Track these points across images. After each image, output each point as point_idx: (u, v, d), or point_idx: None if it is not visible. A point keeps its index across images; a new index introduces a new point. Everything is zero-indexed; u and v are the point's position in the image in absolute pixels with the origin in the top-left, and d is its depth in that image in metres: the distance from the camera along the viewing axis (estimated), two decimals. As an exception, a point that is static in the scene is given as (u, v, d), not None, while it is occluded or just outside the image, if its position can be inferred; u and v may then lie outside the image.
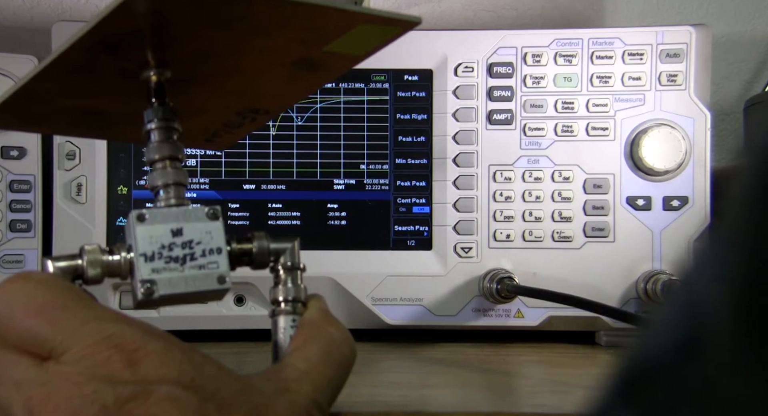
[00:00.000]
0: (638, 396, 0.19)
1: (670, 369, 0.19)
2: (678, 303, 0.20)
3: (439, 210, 0.63)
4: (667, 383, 0.19)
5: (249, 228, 0.63)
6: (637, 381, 0.20)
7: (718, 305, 0.18)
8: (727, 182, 0.20)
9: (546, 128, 0.63)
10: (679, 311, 0.20)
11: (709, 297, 0.18)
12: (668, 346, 0.19)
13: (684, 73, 0.62)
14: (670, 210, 0.62)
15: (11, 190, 0.64)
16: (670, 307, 0.20)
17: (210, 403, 0.30)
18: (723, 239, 0.19)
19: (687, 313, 0.19)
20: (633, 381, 0.20)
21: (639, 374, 0.20)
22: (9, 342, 0.31)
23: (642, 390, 0.19)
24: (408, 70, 0.64)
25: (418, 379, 0.52)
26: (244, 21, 0.32)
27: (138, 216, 0.35)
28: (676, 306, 0.20)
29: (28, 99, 0.36)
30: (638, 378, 0.20)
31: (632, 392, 0.20)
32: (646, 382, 0.19)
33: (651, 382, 0.19)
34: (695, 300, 0.19)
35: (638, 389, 0.20)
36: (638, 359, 0.20)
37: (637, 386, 0.20)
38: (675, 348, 0.19)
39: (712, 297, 0.18)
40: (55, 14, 0.83)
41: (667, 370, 0.19)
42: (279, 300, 0.38)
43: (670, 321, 0.20)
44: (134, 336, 0.30)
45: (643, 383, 0.20)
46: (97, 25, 0.31)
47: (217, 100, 0.41)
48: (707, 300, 0.18)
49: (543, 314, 0.62)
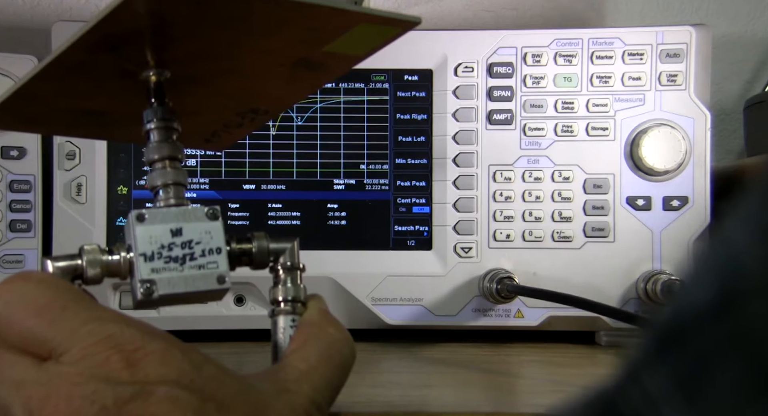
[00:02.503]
0: (673, 350, 0.20)
1: (706, 323, 0.19)
2: (713, 259, 0.20)
3: (439, 210, 0.63)
4: (702, 337, 0.19)
5: (249, 228, 0.63)
6: (672, 336, 0.20)
7: (755, 259, 0.18)
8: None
9: (546, 128, 0.63)
10: (715, 267, 0.20)
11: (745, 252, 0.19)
12: (704, 301, 0.19)
13: (684, 73, 0.62)
14: (670, 211, 0.62)
15: (11, 190, 0.64)
16: (704, 264, 0.20)
17: (210, 403, 0.30)
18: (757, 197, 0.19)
19: (723, 268, 0.19)
20: (667, 336, 0.20)
21: (674, 329, 0.20)
22: (9, 343, 0.31)
23: (677, 344, 0.20)
24: (408, 70, 0.64)
25: (418, 379, 0.52)
26: (244, 21, 0.32)
27: (137, 216, 0.35)
28: (710, 263, 0.20)
29: (28, 99, 0.36)
30: (673, 333, 0.20)
31: (667, 347, 0.20)
32: (682, 337, 0.20)
33: (686, 337, 0.19)
34: (731, 255, 0.19)
35: (672, 344, 0.20)
36: (673, 314, 0.21)
37: (672, 341, 0.20)
38: (710, 303, 0.19)
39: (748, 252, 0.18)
40: (55, 14, 0.83)
41: (702, 325, 0.19)
42: (279, 300, 0.38)
43: (705, 277, 0.20)
44: (134, 336, 0.30)
45: (679, 338, 0.20)
46: (97, 24, 0.31)
47: (217, 100, 0.41)
48: (743, 254, 0.19)
49: (543, 314, 0.62)
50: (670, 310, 0.21)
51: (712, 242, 0.20)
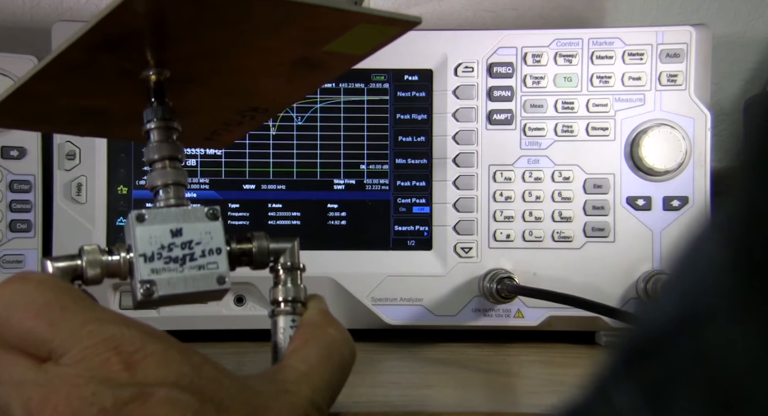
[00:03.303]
0: (641, 367, 0.20)
1: (673, 338, 0.19)
2: (682, 274, 0.20)
3: (439, 210, 0.63)
4: (667, 354, 0.19)
5: (249, 228, 0.63)
6: (640, 353, 0.20)
7: (720, 272, 0.18)
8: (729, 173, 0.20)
9: (546, 128, 0.63)
10: (682, 283, 0.20)
11: (713, 268, 0.19)
12: (669, 317, 0.19)
13: (684, 73, 0.62)
14: (670, 211, 0.62)
15: (11, 190, 0.64)
16: (673, 280, 0.20)
17: (209, 405, 0.30)
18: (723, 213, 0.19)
19: (690, 285, 0.19)
20: (636, 352, 0.20)
21: (642, 344, 0.20)
22: (8, 343, 0.31)
23: (645, 359, 0.20)
24: (408, 70, 0.64)
25: (418, 379, 0.52)
26: (244, 21, 0.32)
27: (137, 217, 0.35)
28: (679, 279, 0.20)
29: (28, 98, 0.36)
30: (641, 349, 0.20)
31: (635, 363, 0.20)
32: (649, 354, 0.19)
33: (653, 353, 0.19)
34: (699, 270, 0.19)
35: (640, 360, 0.20)
36: (642, 330, 0.21)
37: (639, 357, 0.20)
38: (675, 319, 0.19)
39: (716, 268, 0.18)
40: (55, 14, 0.83)
41: (667, 341, 0.19)
42: (279, 300, 0.38)
43: (672, 293, 0.20)
44: (133, 338, 0.30)
45: (646, 354, 0.20)
46: (96, 24, 0.31)
47: (217, 99, 0.41)
48: (710, 271, 0.19)
49: (543, 314, 0.62)
50: (638, 326, 0.21)
51: (683, 255, 0.20)
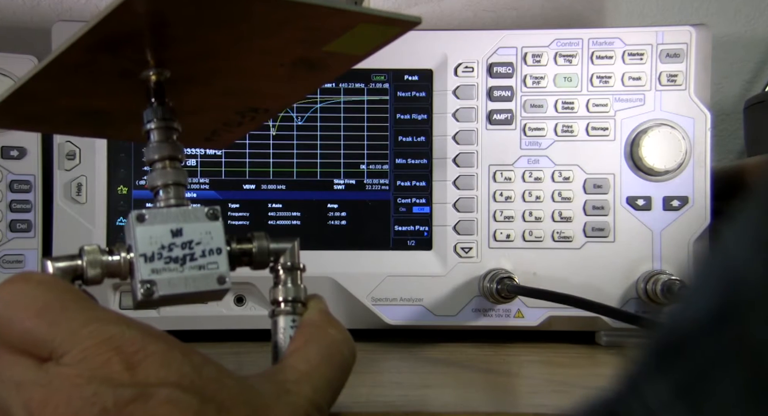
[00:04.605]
0: (673, 362, 0.20)
1: (706, 335, 0.19)
2: (712, 270, 0.20)
3: (439, 210, 0.63)
4: (702, 349, 0.19)
5: (249, 228, 0.63)
6: (672, 348, 0.20)
7: (754, 270, 0.18)
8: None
9: (546, 128, 0.63)
10: (714, 278, 0.20)
11: (744, 263, 0.19)
12: (704, 313, 0.19)
13: (684, 73, 0.62)
14: (670, 211, 0.62)
15: (11, 190, 0.64)
16: (703, 276, 0.20)
17: (210, 405, 0.30)
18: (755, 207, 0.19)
19: (722, 280, 0.19)
20: (668, 347, 0.20)
21: (674, 341, 0.20)
22: (9, 343, 0.31)
23: (677, 356, 0.20)
24: (408, 70, 0.64)
25: (418, 379, 0.52)
26: (244, 21, 0.32)
27: (138, 217, 0.35)
28: (709, 274, 0.20)
29: (28, 98, 0.36)
30: (673, 345, 0.20)
31: (667, 359, 0.20)
32: (682, 349, 0.20)
33: (686, 348, 0.19)
34: (730, 266, 0.19)
35: (672, 356, 0.20)
36: (673, 326, 0.21)
37: (671, 352, 0.20)
38: (710, 314, 0.19)
39: (747, 264, 0.18)
40: (55, 14, 0.83)
41: (702, 336, 0.19)
42: (279, 300, 0.38)
43: (704, 288, 0.20)
44: (134, 338, 0.30)
45: (679, 349, 0.20)
46: (97, 25, 0.31)
47: (217, 99, 0.41)
48: (743, 265, 0.19)
49: (543, 314, 0.62)
50: (669, 322, 0.21)
51: (711, 252, 0.20)
